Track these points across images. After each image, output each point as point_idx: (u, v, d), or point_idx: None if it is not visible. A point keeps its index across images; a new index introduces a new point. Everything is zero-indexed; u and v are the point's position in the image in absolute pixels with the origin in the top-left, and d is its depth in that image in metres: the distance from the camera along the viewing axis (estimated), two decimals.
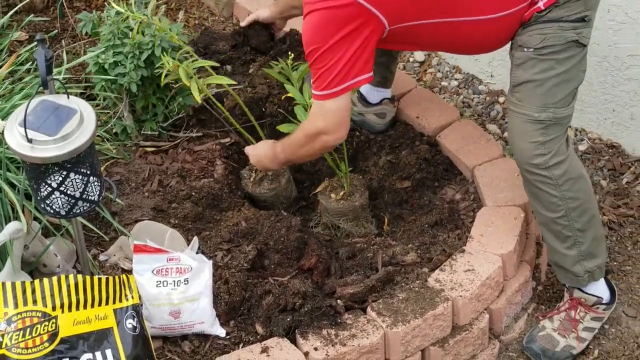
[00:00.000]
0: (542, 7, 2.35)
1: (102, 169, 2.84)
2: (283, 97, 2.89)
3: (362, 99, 3.12)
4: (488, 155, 2.98)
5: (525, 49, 2.40)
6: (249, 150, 2.84)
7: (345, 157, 2.75)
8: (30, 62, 2.98)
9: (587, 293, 2.61)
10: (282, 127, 2.74)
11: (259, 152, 2.79)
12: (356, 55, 2.32)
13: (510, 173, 2.88)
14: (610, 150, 3.34)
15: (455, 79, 3.74)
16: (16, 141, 2.01)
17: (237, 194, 2.93)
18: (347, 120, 2.48)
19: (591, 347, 2.67)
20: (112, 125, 2.99)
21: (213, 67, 2.87)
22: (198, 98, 2.67)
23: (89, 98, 3.09)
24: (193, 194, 2.84)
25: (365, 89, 3.10)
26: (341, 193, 2.81)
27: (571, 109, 2.46)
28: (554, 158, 2.43)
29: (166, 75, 2.71)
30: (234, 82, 2.80)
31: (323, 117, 2.45)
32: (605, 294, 2.64)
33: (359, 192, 2.85)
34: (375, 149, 3.11)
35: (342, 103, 2.42)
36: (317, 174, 3.09)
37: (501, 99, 3.64)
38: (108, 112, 3.00)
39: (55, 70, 2.43)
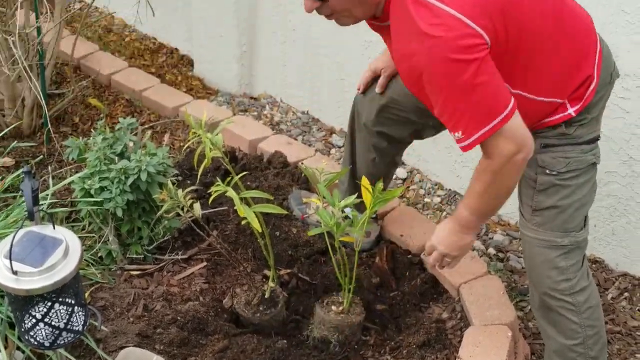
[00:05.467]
0: (573, 114, 2.28)
1: (86, 294, 2.82)
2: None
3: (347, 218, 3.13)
4: (473, 272, 2.98)
5: (547, 172, 2.35)
6: (432, 244, 2.49)
7: (350, 271, 2.72)
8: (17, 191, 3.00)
9: None
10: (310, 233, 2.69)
11: (442, 235, 2.45)
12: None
13: (495, 290, 2.89)
14: (594, 266, 3.35)
15: (438, 196, 3.78)
16: (1, 273, 2.01)
17: (223, 316, 2.90)
18: (527, 131, 2.19)
19: None
20: (97, 250, 2.99)
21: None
22: (258, 227, 2.53)
23: (75, 221, 3.11)
24: (178, 318, 2.81)
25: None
26: (340, 308, 2.80)
27: (587, 232, 2.45)
28: (580, 283, 2.42)
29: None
30: (284, 211, 2.69)
31: (506, 141, 2.15)
32: None
33: (358, 308, 2.83)
34: (362, 267, 3.11)
35: (516, 119, 2.15)
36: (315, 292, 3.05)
37: None
38: (93, 236, 3.01)
39: (41, 196, 2.45)
